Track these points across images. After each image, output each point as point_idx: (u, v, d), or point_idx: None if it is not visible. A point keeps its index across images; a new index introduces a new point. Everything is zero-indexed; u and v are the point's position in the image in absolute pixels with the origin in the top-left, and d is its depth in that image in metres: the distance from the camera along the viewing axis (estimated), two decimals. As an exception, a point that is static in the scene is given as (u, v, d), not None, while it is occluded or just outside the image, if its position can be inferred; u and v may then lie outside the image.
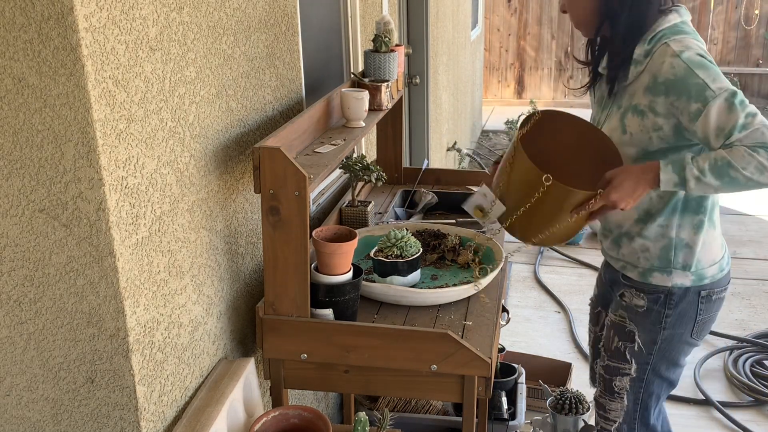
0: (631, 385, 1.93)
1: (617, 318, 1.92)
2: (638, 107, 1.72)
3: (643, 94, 1.70)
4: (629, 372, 1.92)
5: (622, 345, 1.91)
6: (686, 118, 1.64)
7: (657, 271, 1.83)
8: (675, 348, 1.89)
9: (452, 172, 2.82)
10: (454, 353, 1.65)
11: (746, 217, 5.49)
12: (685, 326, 1.86)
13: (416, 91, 4.39)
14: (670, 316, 1.84)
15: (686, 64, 1.63)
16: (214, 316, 1.69)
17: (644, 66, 1.71)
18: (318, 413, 1.60)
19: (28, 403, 1.42)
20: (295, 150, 1.79)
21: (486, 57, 9.66)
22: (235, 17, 1.70)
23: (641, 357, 1.89)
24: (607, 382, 1.97)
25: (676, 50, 1.65)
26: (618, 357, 1.93)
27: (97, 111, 1.21)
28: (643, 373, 1.91)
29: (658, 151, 1.74)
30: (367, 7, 2.93)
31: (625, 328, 1.90)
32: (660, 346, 1.87)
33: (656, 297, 1.84)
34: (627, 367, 1.92)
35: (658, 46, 1.69)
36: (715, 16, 9.56)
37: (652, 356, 1.89)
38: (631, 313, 1.88)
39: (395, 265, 1.89)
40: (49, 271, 1.31)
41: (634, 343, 1.89)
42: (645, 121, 1.71)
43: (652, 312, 1.85)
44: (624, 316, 1.90)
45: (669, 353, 1.89)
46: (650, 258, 1.84)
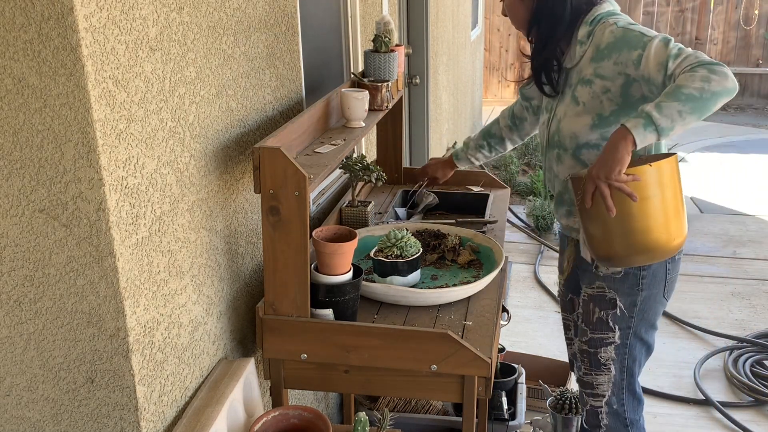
0: (617, 352, 2.03)
1: (596, 290, 2.01)
2: (585, 78, 1.90)
3: (588, 64, 1.89)
4: (613, 339, 2.01)
5: (603, 314, 2.00)
6: (632, 68, 1.80)
7: None
8: (652, 308, 2.00)
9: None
10: (454, 353, 1.65)
11: (746, 217, 5.49)
12: (658, 286, 1.98)
13: (416, 91, 4.40)
14: (645, 277, 1.95)
15: (622, 28, 1.84)
16: (214, 316, 1.69)
17: (587, 45, 1.90)
18: (318, 413, 1.60)
19: (28, 403, 1.42)
20: (295, 150, 1.79)
21: (486, 57, 9.66)
22: (235, 17, 1.70)
23: (623, 321, 2.00)
24: (592, 356, 2.06)
25: (611, 21, 1.88)
26: (601, 327, 2.02)
27: (97, 111, 1.21)
28: (626, 338, 2.01)
29: (611, 114, 1.88)
30: (367, 7, 2.93)
31: (605, 296, 1.99)
32: (640, 308, 1.98)
33: None
34: (611, 336, 2.01)
35: (597, 26, 1.90)
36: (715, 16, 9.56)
37: (633, 319, 2.00)
38: (609, 281, 1.98)
39: (395, 265, 1.89)
40: (49, 271, 1.31)
41: (616, 308, 1.99)
42: (593, 88, 1.88)
43: (629, 276, 1.95)
44: (602, 286, 2.00)
45: (648, 314, 2.00)
46: None
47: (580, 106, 1.92)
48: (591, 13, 1.92)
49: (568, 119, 1.95)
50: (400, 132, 2.70)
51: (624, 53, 1.81)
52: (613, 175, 1.68)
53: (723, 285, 4.30)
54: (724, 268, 4.55)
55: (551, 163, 2.06)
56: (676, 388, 3.24)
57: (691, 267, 4.55)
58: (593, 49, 1.88)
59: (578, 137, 1.94)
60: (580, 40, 1.92)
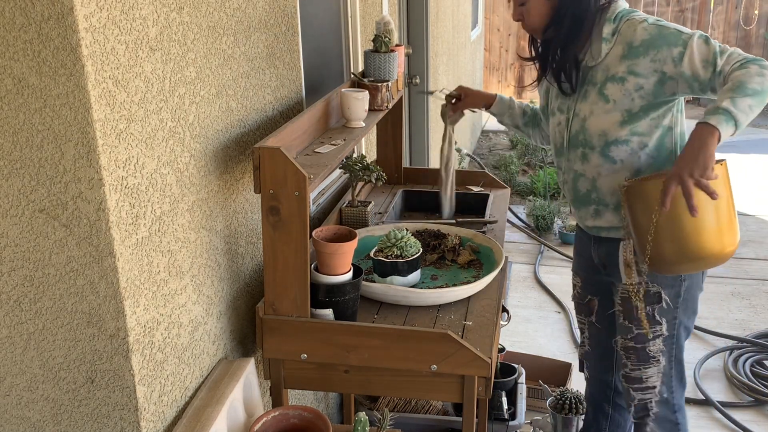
0: (665, 344, 2.02)
1: (644, 286, 1.98)
2: (616, 75, 1.89)
3: (620, 62, 1.89)
4: (661, 332, 2.01)
5: (649, 309, 1.99)
6: (671, 65, 1.82)
7: None
8: (693, 295, 2.02)
9: (452, 172, 2.82)
10: (454, 353, 1.65)
11: (746, 217, 5.49)
12: (696, 275, 2.00)
13: (416, 91, 4.39)
14: None
15: (655, 25, 1.85)
16: (214, 316, 1.69)
17: (613, 42, 1.90)
18: (318, 413, 1.60)
19: (28, 403, 1.42)
20: (295, 150, 1.79)
21: (486, 57, 9.66)
22: (235, 17, 1.70)
23: (669, 313, 1.99)
24: (640, 351, 2.04)
25: (640, 19, 1.88)
26: (650, 322, 2.00)
27: (97, 111, 1.21)
28: (672, 329, 2.01)
29: (641, 110, 1.90)
30: (367, 7, 2.93)
31: (650, 291, 1.98)
32: (683, 297, 1.99)
33: None
34: (658, 329, 2.00)
35: (621, 23, 1.90)
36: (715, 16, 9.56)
37: (678, 309, 1.99)
38: (651, 276, 1.96)
39: (395, 265, 1.89)
40: (49, 271, 1.31)
41: (662, 301, 1.97)
42: (626, 85, 1.88)
43: None
44: (647, 281, 1.97)
45: (690, 302, 2.01)
46: None
47: (610, 104, 1.91)
48: (611, 10, 1.92)
49: (596, 117, 1.94)
50: (400, 132, 2.70)
51: (663, 50, 1.81)
52: (707, 172, 1.64)
53: (723, 285, 4.30)
54: (724, 268, 4.55)
55: (573, 163, 2.03)
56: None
57: (691, 267, 4.54)
58: (624, 46, 1.87)
59: (608, 134, 1.93)
60: (604, 37, 1.90)
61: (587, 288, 2.24)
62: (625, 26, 1.89)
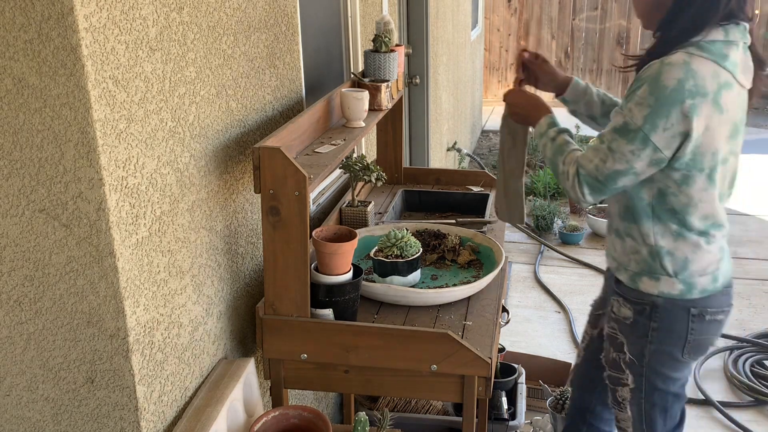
0: (632, 396, 1.89)
1: (609, 329, 1.91)
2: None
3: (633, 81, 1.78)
4: (627, 382, 1.89)
5: (616, 356, 1.90)
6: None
7: (646, 276, 1.79)
8: (665, 364, 1.82)
9: (452, 172, 2.82)
10: (454, 353, 1.65)
11: (746, 217, 5.49)
12: (674, 344, 1.80)
13: (416, 91, 4.39)
14: (656, 329, 1.79)
15: (657, 77, 1.61)
16: (214, 316, 1.69)
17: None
18: (318, 413, 1.60)
19: (28, 403, 1.42)
20: (295, 150, 1.79)
21: (486, 57, 9.65)
22: (235, 17, 1.70)
23: (634, 368, 1.86)
24: (612, 392, 1.96)
25: (671, 60, 1.62)
26: (616, 367, 1.92)
27: (97, 111, 1.21)
28: (640, 384, 1.86)
29: None
30: (367, 7, 2.93)
31: (617, 339, 1.88)
32: (648, 361, 1.82)
33: (642, 308, 1.80)
34: (624, 377, 1.89)
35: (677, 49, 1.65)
36: (715, 16, 9.53)
37: (643, 368, 1.84)
38: (620, 324, 1.86)
39: (395, 265, 1.89)
40: (49, 271, 1.31)
41: (625, 354, 1.86)
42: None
43: (638, 324, 1.81)
44: (615, 327, 1.88)
45: (659, 368, 1.83)
46: (639, 261, 1.79)
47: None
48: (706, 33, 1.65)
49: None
50: (400, 132, 2.70)
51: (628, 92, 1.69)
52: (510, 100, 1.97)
53: (723, 285, 4.29)
54: (724, 268, 4.54)
55: None
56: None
57: (691, 267, 4.54)
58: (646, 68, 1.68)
59: None
60: None
61: (600, 303, 2.10)
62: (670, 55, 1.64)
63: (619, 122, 1.67)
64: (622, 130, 1.65)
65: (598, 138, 1.73)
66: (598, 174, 1.69)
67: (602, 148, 1.68)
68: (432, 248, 2.15)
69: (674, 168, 1.68)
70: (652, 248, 1.76)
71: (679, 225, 1.74)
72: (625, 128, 1.65)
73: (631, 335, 1.83)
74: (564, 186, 1.77)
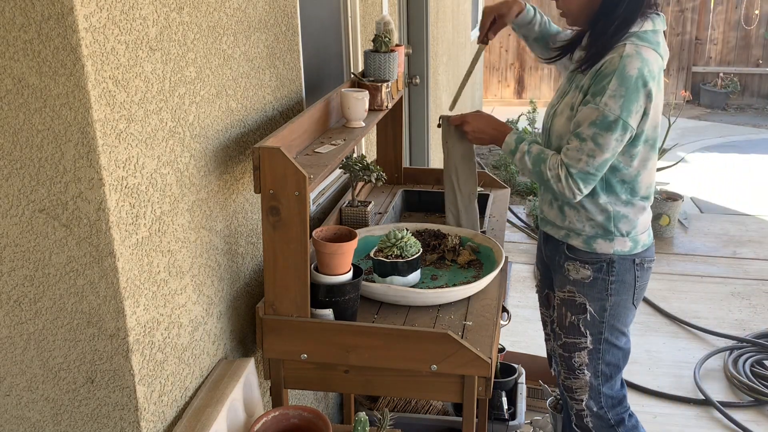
0: (590, 357, 2.06)
1: (566, 294, 2.05)
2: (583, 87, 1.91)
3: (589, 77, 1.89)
4: (586, 344, 2.05)
5: (575, 318, 2.04)
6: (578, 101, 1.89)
7: (600, 238, 2.00)
8: (621, 313, 2.04)
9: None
10: (454, 353, 1.65)
11: (746, 217, 5.49)
12: (626, 293, 2.03)
13: (416, 91, 4.39)
14: (614, 282, 2.00)
15: (620, 70, 1.80)
16: (214, 316, 1.69)
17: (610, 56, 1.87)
18: (318, 413, 1.60)
19: (28, 403, 1.42)
20: (295, 150, 1.79)
21: (486, 57, 9.65)
22: (235, 17, 1.70)
23: (594, 327, 2.04)
24: (567, 360, 2.09)
25: (628, 52, 1.82)
26: (573, 332, 2.06)
27: (97, 111, 1.21)
28: (598, 343, 2.05)
29: None
30: (367, 7, 2.93)
31: (576, 301, 2.03)
32: (609, 313, 2.03)
33: (600, 266, 2.00)
34: (583, 341, 2.05)
35: (621, 42, 1.85)
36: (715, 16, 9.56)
37: (603, 324, 2.03)
38: (579, 285, 2.03)
39: (395, 265, 1.89)
40: (49, 271, 1.31)
41: (586, 313, 2.03)
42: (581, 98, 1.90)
43: (598, 280, 2.01)
44: (572, 290, 2.04)
45: (617, 319, 2.04)
46: (594, 226, 1.99)
47: (573, 111, 1.92)
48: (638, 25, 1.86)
49: (558, 117, 1.97)
50: (400, 132, 2.70)
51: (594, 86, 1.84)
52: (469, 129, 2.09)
53: (723, 285, 4.30)
54: (724, 268, 4.55)
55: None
56: (676, 388, 3.24)
57: (691, 267, 4.55)
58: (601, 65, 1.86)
59: (562, 139, 1.96)
60: None
61: (544, 282, 2.29)
62: (618, 47, 1.84)
63: (595, 116, 1.83)
64: (603, 124, 1.82)
65: (575, 136, 1.87)
66: (589, 168, 1.86)
67: (587, 145, 1.85)
68: (432, 248, 2.15)
69: (630, 144, 1.90)
70: (609, 214, 1.98)
71: (629, 194, 1.98)
72: (605, 121, 1.82)
73: (591, 292, 2.02)
74: (554, 188, 1.92)
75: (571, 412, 2.16)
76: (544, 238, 2.19)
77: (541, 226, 2.18)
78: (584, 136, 1.84)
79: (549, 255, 2.15)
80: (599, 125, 1.82)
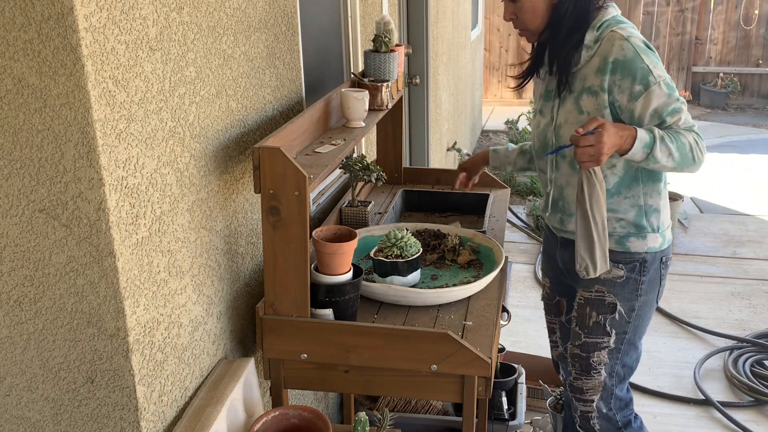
0: (609, 356, 2.04)
1: (594, 294, 2.01)
2: (592, 88, 1.87)
3: (595, 76, 1.85)
4: (608, 344, 2.02)
5: (601, 318, 2.01)
6: (626, 96, 1.82)
7: (633, 237, 1.96)
8: (646, 314, 2.03)
9: (452, 172, 2.82)
10: (454, 353, 1.65)
11: (746, 217, 5.49)
12: (653, 291, 2.02)
13: (416, 91, 4.39)
14: (644, 282, 1.98)
15: (634, 48, 1.81)
16: (214, 316, 1.69)
17: (594, 51, 1.86)
18: (318, 413, 1.60)
19: (28, 403, 1.42)
20: (295, 150, 1.79)
21: (486, 57, 9.66)
22: (235, 17, 1.70)
23: (620, 326, 2.01)
24: (584, 360, 2.06)
25: (624, 35, 1.83)
26: (597, 331, 2.03)
27: (97, 111, 1.21)
28: (620, 343, 2.03)
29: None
30: (367, 7, 2.93)
31: (605, 301, 2.00)
32: (636, 313, 2.01)
33: (633, 265, 1.97)
34: (606, 340, 2.02)
35: (605, 32, 1.85)
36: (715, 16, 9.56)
37: (629, 324, 2.01)
38: (609, 285, 1.99)
39: (395, 265, 1.89)
40: (49, 271, 1.31)
41: (615, 313, 1.99)
42: (599, 99, 1.86)
43: (630, 280, 1.98)
44: (602, 290, 2.00)
45: (642, 320, 2.03)
46: (626, 225, 1.96)
47: (584, 115, 1.89)
48: (599, 17, 1.88)
49: (569, 126, 1.92)
50: (400, 132, 2.70)
51: (627, 80, 1.80)
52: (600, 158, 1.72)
53: (723, 285, 4.30)
54: (724, 268, 4.55)
55: (546, 168, 2.05)
56: (676, 388, 3.24)
57: (691, 267, 4.55)
58: (600, 59, 1.84)
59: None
60: (586, 44, 1.87)
61: (555, 289, 2.25)
62: (607, 37, 1.84)
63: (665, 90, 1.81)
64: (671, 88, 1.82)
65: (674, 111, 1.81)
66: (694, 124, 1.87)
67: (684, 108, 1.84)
68: (432, 248, 2.15)
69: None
70: (641, 208, 1.95)
71: (662, 181, 1.97)
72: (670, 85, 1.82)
73: (622, 292, 1.98)
74: (700, 158, 1.84)
75: (575, 414, 2.14)
76: (562, 243, 2.11)
77: (557, 233, 2.12)
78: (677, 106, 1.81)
79: (568, 259, 2.07)
80: (673, 91, 1.82)
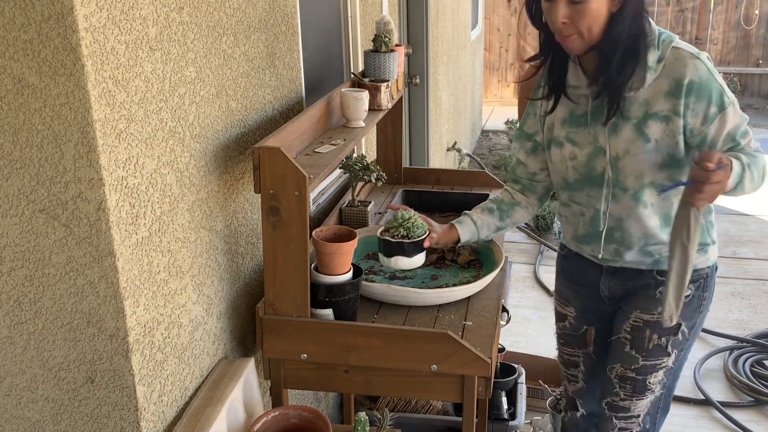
0: (665, 375, 1.95)
1: (656, 317, 1.86)
2: (660, 113, 1.68)
3: (665, 99, 1.67)
4: (667, 364, 1.92)
5: (663, 340, 1.88)
6: (699, 120, 1.67)
7: (698, 252, 1.82)
8: (700, 328, 1.96)
9: (452, 172, 2.82)
10: (454, 353, 1.65)
11: (746, 217, 5.49)
12: (708, 305, 1.95)
13: (416, 91, 4.39)
14: (705, 298, 1.92)
15: (707, 68, 1.66)
16: (214, 316, 1.69)
17: (658, 72, 1.67)
18: (318, 413, 1.60)
19: (28, 403, 1.42)
20: (295, 150, 1.79)
21: (486, 57, 9.66)
22: (235, 17, 1.70)
23: (681, 345, 1.92)
24: (639, 383, 1.93)
25: (693, 53, 1.67)
26: (657, 353, 1.90)
27: (97, 111, 1.21)
28: (676, 360, 1.94)
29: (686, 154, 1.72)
30: (367, 7, 2.93)
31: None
32: (695, 330, 1.93)
33: (699, 283, 1.88)
34: (665, 360, 1.91)
35: (667, 51, 1.66)
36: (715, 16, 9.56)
37: (688, 341, 1.93)
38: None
39: (401, 245, 1.86)
40: (49, 271, 1.31)
41: (678, 333, 1.88)
42: (670, 125, 1.68)
43: (695, 298, 1.89)
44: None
45: (696, 335, 1.96)
46: None
47: (651, 144, 1.70)
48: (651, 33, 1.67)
49: (632, 157, 1.72)
50: (400, 132, 2.70)
51: (702, 103, 1.65)
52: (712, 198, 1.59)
53: (723, 285, 4.30)
54: (724, 268, 4.55)
55: (595, 201, 1.82)
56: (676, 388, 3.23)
57: (691, 267, 4.54)
58: (670, 81, 1.66)
59: (644, 176, 1.74)
60: (649, 65, 1.66)
61: (583, 318, 2.05)
62: (672, 56, 1.66)
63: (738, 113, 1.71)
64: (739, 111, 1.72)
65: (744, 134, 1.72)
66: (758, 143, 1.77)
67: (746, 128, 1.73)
68: (432, 248, 2.14)
69: None
70: (703, 225, 1.82)
71: None
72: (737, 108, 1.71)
73: (687, 310, 1.87)
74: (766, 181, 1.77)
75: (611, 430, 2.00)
76: (611, 272, 1.93)
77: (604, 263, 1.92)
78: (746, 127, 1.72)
79: (617, 286, 1.93)
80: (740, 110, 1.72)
